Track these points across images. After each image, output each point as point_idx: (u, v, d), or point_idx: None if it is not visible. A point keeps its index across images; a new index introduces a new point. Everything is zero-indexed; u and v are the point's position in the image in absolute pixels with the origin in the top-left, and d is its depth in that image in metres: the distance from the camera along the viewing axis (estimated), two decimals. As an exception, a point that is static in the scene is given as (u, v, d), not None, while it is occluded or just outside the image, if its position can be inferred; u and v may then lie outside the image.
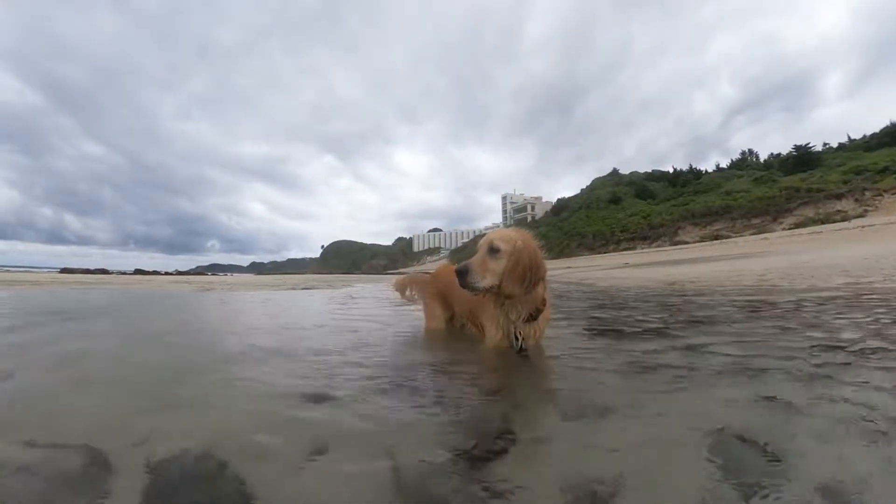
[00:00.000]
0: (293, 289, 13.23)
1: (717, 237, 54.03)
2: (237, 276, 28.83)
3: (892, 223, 31.40)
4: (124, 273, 35.96)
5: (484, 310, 3.11)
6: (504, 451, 1.36)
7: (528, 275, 2.67)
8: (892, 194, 44.14)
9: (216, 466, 1.30)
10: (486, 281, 2.69)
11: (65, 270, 32.73)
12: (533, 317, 2.88)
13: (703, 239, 55.40)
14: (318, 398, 1.93)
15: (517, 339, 2.83)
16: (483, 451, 1.36)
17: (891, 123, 63.34)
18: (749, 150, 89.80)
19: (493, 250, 2.71)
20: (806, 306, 4.44)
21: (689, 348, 2.77)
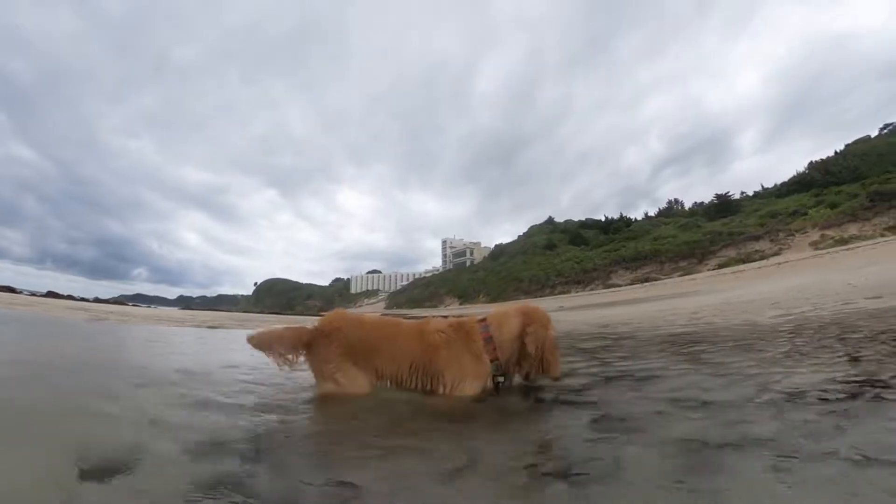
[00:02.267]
0: (198, 326, 11.85)
1: (647, 279, 55.67)
2: (152, 310, 25.93)
3: (804, 258, 33.46)
4: (34, 294, 31.92)
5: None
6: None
7: None
8: (802, 233, 47.29)
9: None
10: None
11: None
12: None
13: (634, 282, 56.96)
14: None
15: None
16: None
17: (797, 173, 68.71)
18: (675, 199, 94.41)
19: None
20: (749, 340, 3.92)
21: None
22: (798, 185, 64.98)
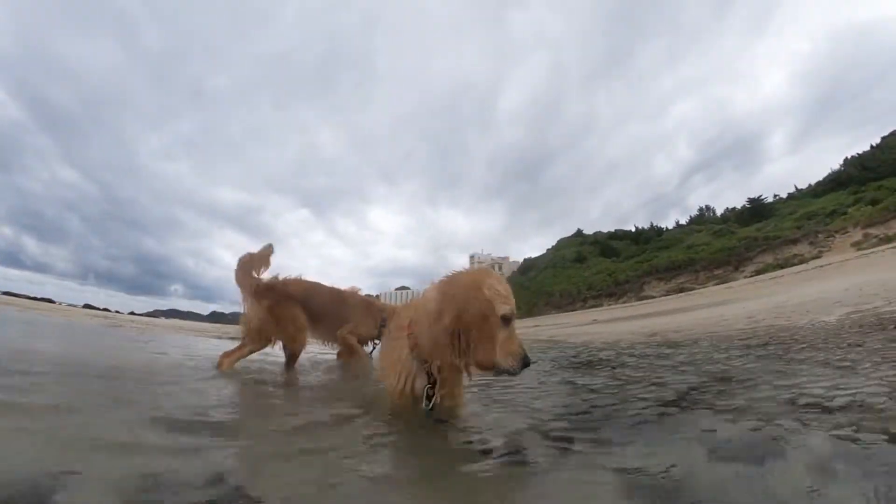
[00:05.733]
0: (219, 337, 11.80)
1: (682, 289, 54.21)
2: (178, 322, 27.00)
3: (848, 260, 32.05)
4: (73, 306, 33.48)
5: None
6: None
7: None
8: (843, 234, 45.60)
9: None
10: None
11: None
12: None
13: (668, 292, 55.50)
14: None
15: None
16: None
17: (832, 171, 66.62)
18: (706, 206, 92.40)
19: None
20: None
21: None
22: (834, 183, 62.88)
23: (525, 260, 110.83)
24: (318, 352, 5.88)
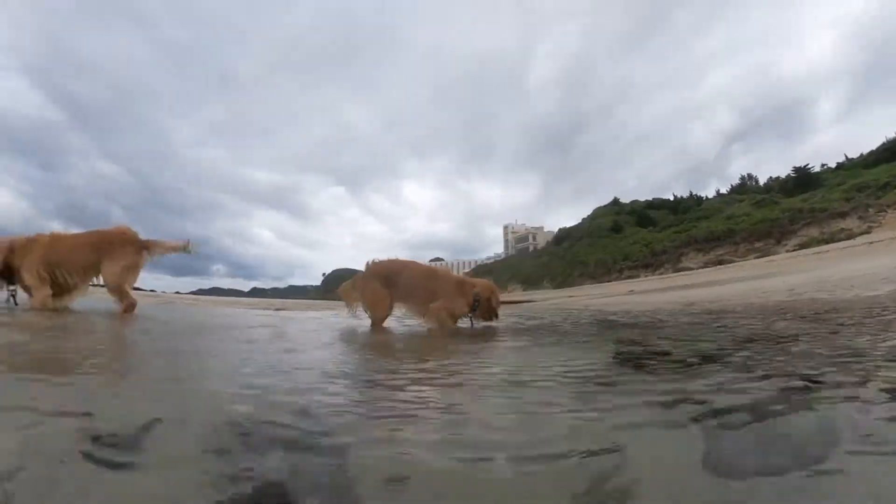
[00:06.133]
0: (267, 308, 12.31)
1: (720, 262, 52.94)
2: (228, 299, 28.82)
3: (900, 238, 30.60)
4: None
5: None
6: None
7: None
8: (896, 209, 43.47)
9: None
10: None
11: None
12: None
13: (707, 264, 54.27)
14: None
15: None
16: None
17: (887, 140, 63.01)
18: (748, 174, 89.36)
19: None
20: None
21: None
22: (888, 153, 59.46)
23: (560, 230, 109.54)
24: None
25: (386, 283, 5.20)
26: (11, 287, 5.31)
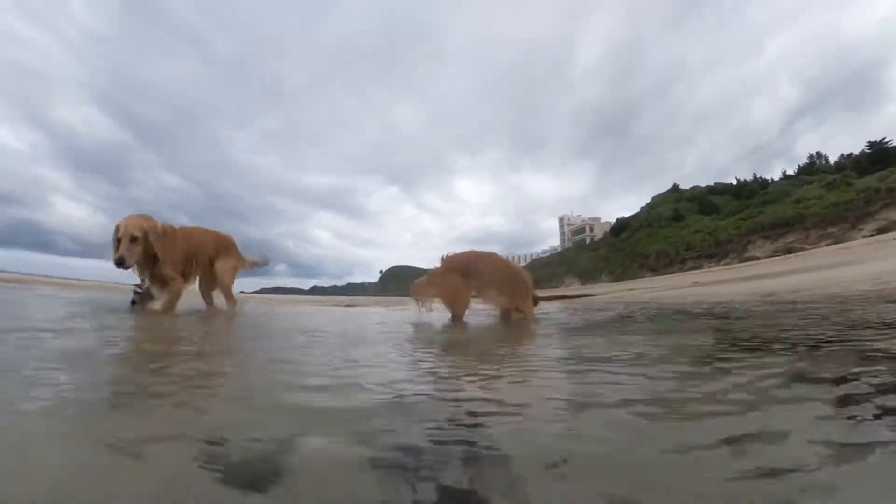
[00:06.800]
0: (337, 305, 12.81)
1: (790, 250, 50.29)
2: (293, 297, 30.47)
3: None
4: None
5: None
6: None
7: None
8: None
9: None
10: None
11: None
12: None
13: (774, 253, 51.64)
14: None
15: None
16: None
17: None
18: (817, 152, 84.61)
19: None
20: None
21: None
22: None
23: (617, 220, 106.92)
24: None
25: (464, 275, 5.22)
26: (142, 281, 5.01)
